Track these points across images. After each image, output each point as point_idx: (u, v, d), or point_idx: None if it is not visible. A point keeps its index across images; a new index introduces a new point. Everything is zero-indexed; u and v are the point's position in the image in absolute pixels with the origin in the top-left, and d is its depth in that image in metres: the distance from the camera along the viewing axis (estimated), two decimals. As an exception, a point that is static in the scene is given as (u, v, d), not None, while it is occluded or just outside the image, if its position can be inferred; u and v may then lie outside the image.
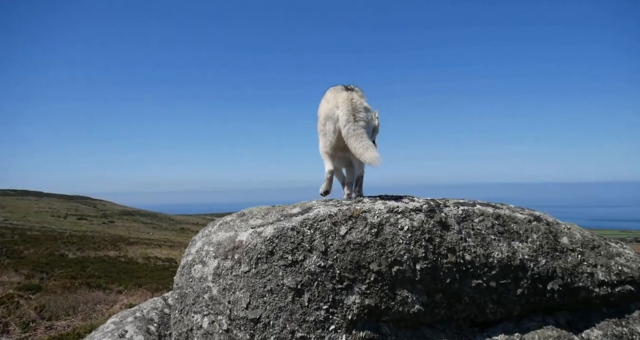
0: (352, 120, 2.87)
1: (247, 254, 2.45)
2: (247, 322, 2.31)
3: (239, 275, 2.41)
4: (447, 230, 2.76)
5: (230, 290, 2.39)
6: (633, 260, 3.07)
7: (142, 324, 3.42)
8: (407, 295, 2.57)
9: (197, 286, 2.52)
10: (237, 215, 2.98)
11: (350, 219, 2.64)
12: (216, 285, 2.44)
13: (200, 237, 2.83)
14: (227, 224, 2.83)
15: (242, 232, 2.59)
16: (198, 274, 2.55)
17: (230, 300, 2.37)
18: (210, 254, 2.58)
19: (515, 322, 2.82)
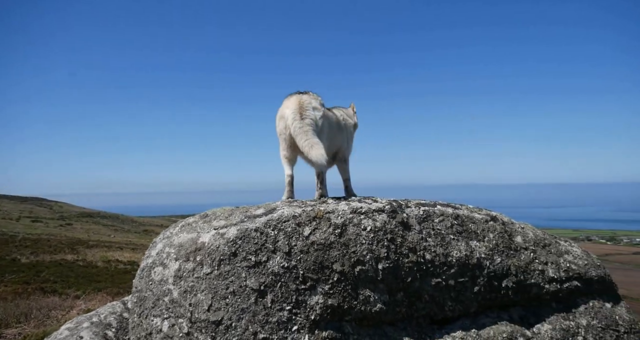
0: (299, 119, 2.97)
1: (209, 255, 2.43)
2: (209, 325, 2.28)
3: (200, 277, 2.38)
4: (409, 231, 2.84)
5: (191, 293, 2.36)
6: (580, 258, 3.26)
7: (99, 329, 3.30)
8: (369, 295, 2.62)
9: (157, 289, 2.46)
10: (199, 216, 2.94)
11: (314, 220, 2.67)
12: (177, 288, 2.40)
13: (161, 239, 2.77)
14: (190, 226, 2.79)
15: (205, 233, 2.56)
16: (158, 276, 2.49)
17: (191, 302, 2.34)
18: (171, 256, 2.53)
19: (472, 319, 2.92)
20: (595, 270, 3.24)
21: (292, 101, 3.13)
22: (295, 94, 3.21)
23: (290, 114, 3.05)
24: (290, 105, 3.11)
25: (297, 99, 3.13)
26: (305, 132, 2.96)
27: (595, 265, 3.28)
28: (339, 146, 3.71)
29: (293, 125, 3.01)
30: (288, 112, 3.08)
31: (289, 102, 3.15)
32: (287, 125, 3.07)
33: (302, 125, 2.99)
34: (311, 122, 3.01)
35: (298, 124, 3.00)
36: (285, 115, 3.10)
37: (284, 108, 3.15)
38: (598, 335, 2.99)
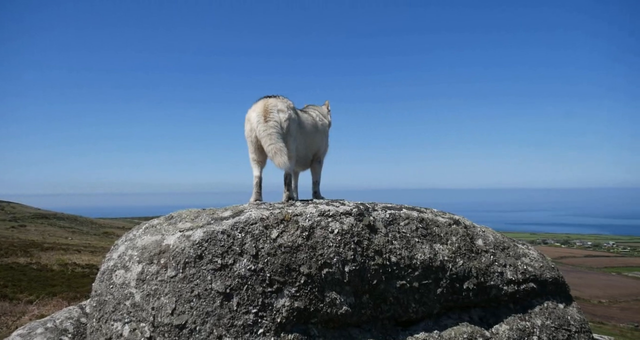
0: (263, 122, 3.02)
1: (174, 258, 2.38)
2: (172, 329, 2.23)
3: (164, 280, 2.33)
4: (375, 233, 2.89)
5: (154, 296, 2.30)
6: (536, 260, 3.42)
7: (54, 335, 3.15)
8: (335, 297, 2.64)
9: (118, 293, 2.38)
10: (165, 218, 2.87)
11: (282, 223, 2.67)
12: (139, 291, 2.33)
13: (123, 241, 2.69)
14: (154, 228, 2.72)
15: (170, 235, 2.51)
16: (120, 279, 2.42)
17: (154, 306, 2.28)
18: (134, 258, 2.46)
19: (435, 320, 3.00)
20: (549, 272, 3.41)
21: (258, 104, 3.17)
22: (263, 98, 3.24)
23: (255, 117, 3.09)
24: (256, 109, 3.15)
25: (263, 102, 3.17)
26: (269, 136, 3.00)
27: (549, 267, 3.45)
28: (317, 148, 3.74)
29: (258, 129, 3.05)
30: (253, 115, 3.12)
31: (255, 106, 3.19)
32: (253, 127, 3.11)
33: (266, 129, 3.02)
34: (275, 124, 3.04)
35: (262, 127, 3.04)
36: (250, 118, 3.14)
37: (250, 111, 3.19)
38: (551, 334, 3.14)
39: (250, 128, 3.15)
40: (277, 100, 3.21)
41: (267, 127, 3.04)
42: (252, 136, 3.15)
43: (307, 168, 3.82)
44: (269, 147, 3.01)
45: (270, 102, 3.17)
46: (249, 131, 3.17)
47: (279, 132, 3.06)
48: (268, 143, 3.01)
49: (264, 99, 3.23)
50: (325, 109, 4.13)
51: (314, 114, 3.78)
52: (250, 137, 3.18)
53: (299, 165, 3.74)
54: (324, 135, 3.84)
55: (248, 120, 3.19)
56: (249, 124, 3.18)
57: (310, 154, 3.69)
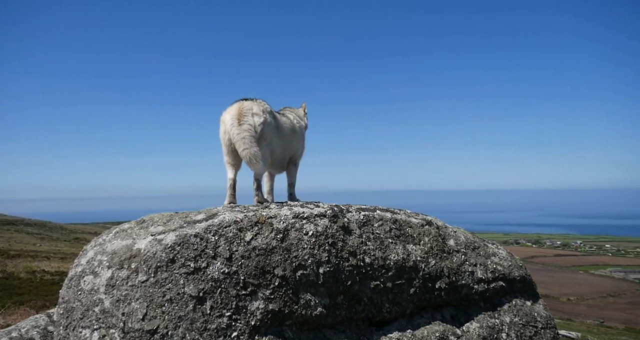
0: (237, 125, 3.03)
1: (145, 262, 2.34)
2: (143, 334, 2.19)
3: (135, 285, 2.28)
4: (350, 235, 2.92)
5: (125, 302, 2.25)
6: (505, 259, 3.52)
7: (20, 345, 3.04)
8: (310, 299, 2.65)
9: (87, 299, 2.33)
10: (135, 222, 2.82)
11: (256, 225, 2.66)
12: (109, 297, 2.28)
13: (92, 246, 2.63)
14: (125, 232, 2.67)
15: (141, 240, 2.47)
16: (88, 285, 2.36)
17: (124, 312, 2.23)
18: (103, 263, 2.41)
19: (408, 320, 3.05)
20: (518, 270, 3.52)
21: (233, 107, 3.17)
22: (239, 100, 3.23)
23: (229, 120, 3.09)
24: (230, 111, 3.14)
25: (238, 105, 3.17)
26: (243, 140, 3.01)
27: (518, 266, 3.56)
28: (294, 151, 3.75)
29: (231, 132, 3.06)
30: (227, 117, 3.12)
31: (230, 108, 3.18)
32: (226, 130, 3.11)
33: (240, 132, 3.03)
34: (249, 128, 3.05)
35: (236, 130, 3.04)
36: (225, 120, 3.14)
37: (225, 113, 3.18)
38: (519, 331, 3.24)
39: (224, 130, 3.15)
40: (252, 103, 3.21)
41: (241, 131, 3.05)
42: (226, 139, 3.14)
43: (283, 170, 3.83)
44: (243, 152, 3.02)
45: (246, 105, 3.17)
46: (223, 133, 3.17)
47: (253, 135, 3.07)
48: (242, 147, 3.02)
49: (239, 102, 3.23)
50: (302, 111, 4.15)
51: (292, 117, 3.80)
52: (224, 139, 3.17)
53: (275, 168, 3.75)
54: (301, 138, 3.86)
55: (222, 122, 3.18)
56: (223, 126, 3.17)
57: (286, 156, 3.70)
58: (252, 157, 3.01)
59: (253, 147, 3.02)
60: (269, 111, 3.28)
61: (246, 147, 3.01)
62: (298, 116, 3.95)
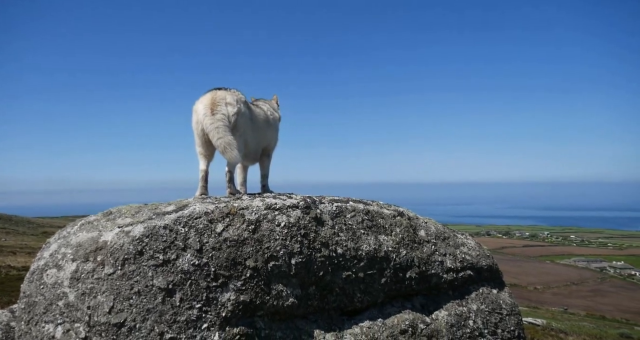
0: (209, 114, 2.98)
1: (112, 255, 2.28)
2: (110, 328, 2.15)
3: (101, 278, 2.23)
4: (322, 226, 2.93)
5: (90, 295, 2.20)
6: (473, 249, 3.62)
7: (-20, 342, 2.92)
8: (282, 289, 2.66)
9: (50, 293, 2.25)
10: (102, 214, 2.75)
11: (227, 216, 2.64)
12: (74, 291, 2.22)
13: (56, 239, 2.54)
14: (90, 224, 2.60)
15: (108, 232, 2.41)
16: (52, 279, 2.29)
17: (90, 305, 2.18)
18: (67, 256, 2.34)
19: (379, 309, 3.10)
20: (485, 260, 3.63)
21: (206, 96, 3.11)
22: (212, 90, 3.17)
23: (201, 109, 3.03)
24: (203, 100, 3.08)
25: (211, 94, 3.11)
26: (216, 129, 2.96)
27: (485, 255, 3.67)
28: (267, 142, 3.72)
29: (204, 121, 3.00)
30: (200, 107, 3.06)
31: (203, 97, 3.12)
32: (199, 120, 3.05)
33: (213, 122, 2.97)
34: (222, 117, 3.00)
35: (209, 120, 2.98)
36: (197, 110, 3.08)
37: (198, 103, 3.11)
38: (486, 318, 3.35)
39: (197, 120, 3.09)
40: (226, 92, 3.15)
41: (214, 120, 2.99)
42: (199, 129, 3.08)
43: (256, 162, 3.80)
44: (217, 141, 2.97)
45: (219, 94, 3.11)
46: (196, 123, 3.11)
47: (227, 125, 3.02)
48: (216, 137, 2.97)
49: (212, 91, 3.16)
50: (275, 103, 4.12)
51: (265, 108, 3.77)
52: (196, 129, 3.11)
53: (248, 160, 3.72)
54: (274, 130, 3.84)
55: (195, 111, 3.12)
56: (195, 115, 3.11)
57: (260, 148, 3.67)
58: (227, 146, 2.95)
59: (227, 135, 2.98)
60: (243, 101, 3.24)
61: (220, 136, 2.96)
62: (272, 108, 3.92)
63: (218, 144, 2.96)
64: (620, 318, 40.66)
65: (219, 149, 2.99)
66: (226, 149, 2.95)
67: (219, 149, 2.99)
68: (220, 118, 2.99)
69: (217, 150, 3.04)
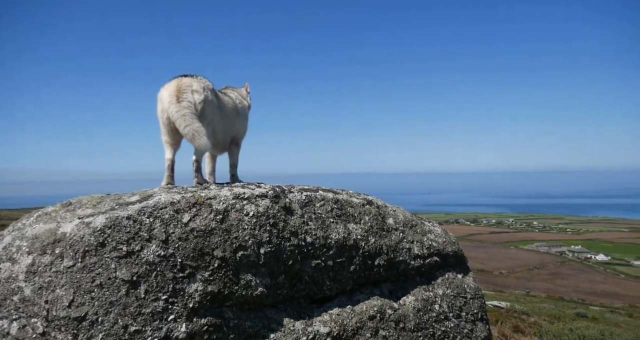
0: (175, 102, 2.88)
1: (71, 247, 2.20)
2: (70, 322, 2.07)
3: (60, 271, 2.14)
4: (291, 215, 2.92)
5: (48, 289, 2.11)
6: (440, 236, 3.71)
7: None
8: (251, 279, 2.64)
9: (4, 288, 2.15)
10: (61, 205, 2.64)
11: (194, 206, 2.59)
12: (30, 285, 2.12)
13: (10, 232, 2.42)
14: (48, 215, 2.49)
15: (67, 223, 2.31)
16: (5, 273, 2.18)
17: (48, 299, 2.09)
18: (22, 249, 2.23)
19: (348, 296, 3.14)
20: (451, 246, 3.73)
21: (171, 83, 3.00)
22: (177, 77, 3.07)
23: (167, 97, 2.93)
24: (168, 88, 2.98)
25: (176, 81, 3.00)
26: (183, 117, 2.87)
27: (451, 242, 3.77)
28: (236, 131, 3.64)
29: (170, 109, 2.90)
30: (165, 94, 2.95)
31: (168, 84, 3.01)
32: (164, 108, 2.94)
33: (179, 109, 2.88)
34: (189, 105, 2.91)
35: (175, 107, 2.89)
36: (162, 97, 2.97)
37: (163, 90, 3.00)
38: (451, 302, 3.46)
39: (162, 108, 2.98)
40: (192, 80, 3.06)
41: (180, 108, 2.90)
42: (164, 117, 2.98)
43: (225, 151, 3.73)
44: (185, 129, 2.87)
45: (185, 81, 3.02)
46: (161, 112, 3.00)
47: (194, 113, 2.93)
48: (184, 125, 2.87)
49: (177, 78, 3.06)
50: (245, 91, 4.04)
51: (234, 96, 3.69)
52: (162, 118, 3.01)
53: (216, 149, 3.64)
54: (243, 118, 3.77)
55: (160, 99, 3.01)
56: (160, 103, 3.00)
57: (228, 137, 3.60)
58: (196, 133, 2.87)
59: (195, 122, 2.89)
60: (210, 89, 3.15)
61: (188, 124, 2.87)
62: (241, 96, 3.84)
63: (186, 132, 2.87)
64: (577, 299, 43.09)
65: (187, 137, 2.90)
66: (195, 136, 2.87)
67: (187, 137, 2.89)
68: (187, 105, 2.90)
69: (185, 139, 2.95)
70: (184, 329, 2.33)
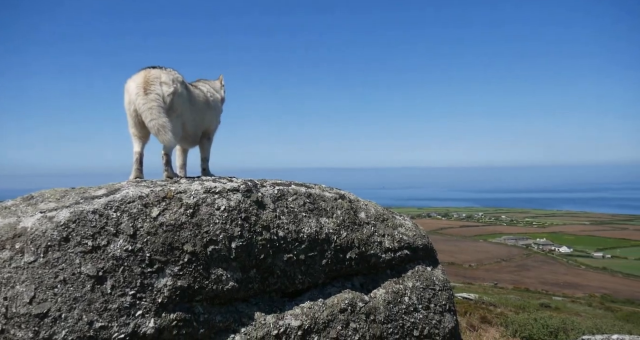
0: (142, 94, 2.82)
1: (33, 242, 2.12)
2: (31, 319, 2.01)
3: (20, 267, 2.07)
4: (263, 209, 2.91)
5: (7, 285, 2.04)
6: (410, 229, 3.79)
7: None
8: (221, 273, 2.63)
9: (-41, 285, 2.06)
10: (22, 199, 2.53)
11: (163, 200, 2.54)
12: (-13, 282, 2.04)
13: (-34, 226, 2.31)
14: (7, 209, 2.39)
15: (28, 217, 2.23)
16: (-39, 269, 2.09)
17: (7, 296, 2.02)
18: (-21, 244, 2.14)
19: (320, 289, 3.17)
20: (421, 239, 3.81)
21: (139, 75, 2.92)
22: (145, 68, 2.99)
23: (134, 89, 2.85)
24: (135, 79, 2.90)
25: (144, 73, 2.92)
26: (150, 110, 2.80)
27: (421, 235, 3.86)
28: (207, 125, 3.58)
29: (137, 102, 2.83)
30: (132, 85, 2.88)
31: (135, 76, 2.93)
32: (131, 100, 2.87)
33: (146, 102, 2.81)
34: (157, 97, 2.84)
35: (142, 100, 2.82)
36: (129, 89, 2.89)
37: (130, 81, 2.92)
38: (420, 294, 3.54)
39: (129, 100, 2.90)
40: (161, 71, 2.98)
41: (147, 101, 2.83)
42: (131, 109, 2.90)
43: (195, 145, 3.67)
44: (150, 123, 2.81)
45: (153, 73, 2.94)
46: (128, 104, 2.92)
47: (161, 106, 2.87)
48: (149, 118, 2.81)
49: (145, 70, 2.98)
50: (219, 83, 3.97)
51: (205, 89, 3.62)
52: (129, 110, 2.93)
53: (187, 143, 3.58)
54: (215, 112, 3.71)
55: (127, 91, 2.93)
56: (127, 95, 2.92)
57: (199, 131, 3.54)
58: (161, 128, 2.82)
59: (161, 117, 2.83)
60: (180, 81, 3.08)
61: (154, 118, 2.81)
62: (213, 88, 3.78)
63: (151, 125, 2.81)
64: (541, 289, 44.95)
65: (152, 131, 2.85)
66: (160, 131, 2.81)
67: (152, 131, 2.84)
68: (154, 98, 2.83)
69: (151, 132, 2.89)
70: (153, 325, 2.30)
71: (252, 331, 2.67)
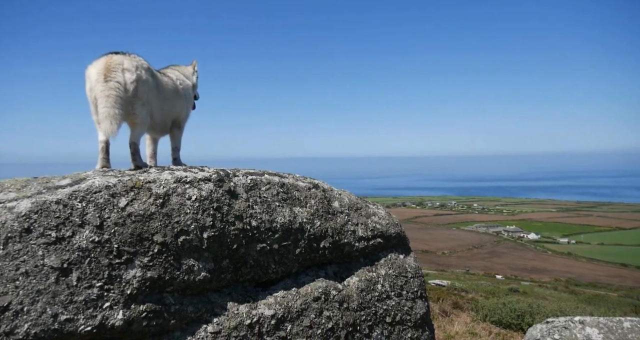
0: (102, 81, 2.71)
1: (-9, 233, 2.03)
2: (-9, 313, 1.93)
3: (-22, 260, 1.98)
4: (236, 199, 2.88)
5: (-35, 279, 1.95)
6: (383, 218, 3.84)
7: None
8: (193, 264, 2.59)
9: None
10: (-20, 188, 2.42)
11: (132, 190, 2.47)
12: (-57, 275, 1.95)
13: None
14: (-36, 200, 2.27)
15: (-14, 208, 2.13)
16: None
17: (-36, 290, 1.94)
18: None
19: (293, 278, 3.18)
20: (393, 228, 3.86)
21: (100, 61, 2.80)
22: (108, 54, 2.86)
23: (94, 75, 2.74)
24: (97, 65, 2.78)
25: (106, 59, 2.80)
26: (106, 98, 2.69)
27: (394, 224, 3.91)
28: (177, 113, 3.48)
29: (96, 88, 2.72)
30: (93, 72, 2.76)
31: (96, 62, 2.81)
32: (92, 87, 2.76)
33: (105, 89, 2.69)
34: (117, 85, 2.72)
35: (101, 86, 2.70)
36: (90, 75, 2.77)
37: (90, 67, 2.80)
38: (393, 281, 3.60)
39: (90, 87, 2.78)
40: (123, 57, 2.85)
41: (106, 88, 2.70)
42: (92, 96, 2.77)
43: (165, 134, 3.58)
44: (101, 110, 2.69)
45: (115, 59, 2.80)
46: (89, 91, 2.79)
47: (120, 95, 2.74)
48: (102, 105, 2.68)
49: (107, 55, 2.83)
50: (191, 69, 3.86)
51: (174, 76, 3.52)
52: (90, 97, 2.80)
53: (156, 132, 3.49)
54: (186, 99, 3.61)
55: (87, 77, 2.80)
56: (88, 82, 2.79)
57: (169, 120, 3.45)
58: (109, 117, 2.66)
59: (115, 108, 2.70)
60: (145, 68, 2.96)
61: (107, 106, 2.68)
62: (184, 75, 3.67)
63: (101, 112, 2.69)
64: (511, 275, 46.65)
65: (99, 117, 2.71)
66: (105, 118, 2.67)
67: (99, 116, 2.71)
68: (114, 86, 2.71)
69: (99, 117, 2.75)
70: (121, 316, 2.26)
71: (225, 321, 2.66)
